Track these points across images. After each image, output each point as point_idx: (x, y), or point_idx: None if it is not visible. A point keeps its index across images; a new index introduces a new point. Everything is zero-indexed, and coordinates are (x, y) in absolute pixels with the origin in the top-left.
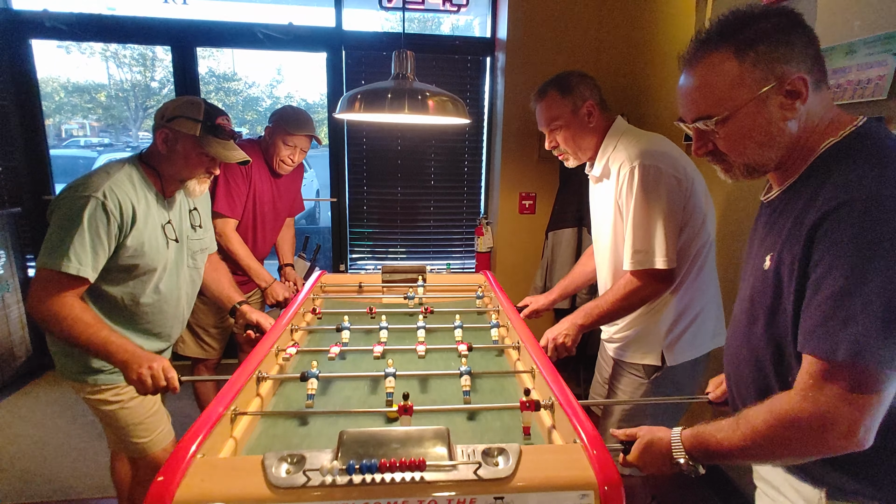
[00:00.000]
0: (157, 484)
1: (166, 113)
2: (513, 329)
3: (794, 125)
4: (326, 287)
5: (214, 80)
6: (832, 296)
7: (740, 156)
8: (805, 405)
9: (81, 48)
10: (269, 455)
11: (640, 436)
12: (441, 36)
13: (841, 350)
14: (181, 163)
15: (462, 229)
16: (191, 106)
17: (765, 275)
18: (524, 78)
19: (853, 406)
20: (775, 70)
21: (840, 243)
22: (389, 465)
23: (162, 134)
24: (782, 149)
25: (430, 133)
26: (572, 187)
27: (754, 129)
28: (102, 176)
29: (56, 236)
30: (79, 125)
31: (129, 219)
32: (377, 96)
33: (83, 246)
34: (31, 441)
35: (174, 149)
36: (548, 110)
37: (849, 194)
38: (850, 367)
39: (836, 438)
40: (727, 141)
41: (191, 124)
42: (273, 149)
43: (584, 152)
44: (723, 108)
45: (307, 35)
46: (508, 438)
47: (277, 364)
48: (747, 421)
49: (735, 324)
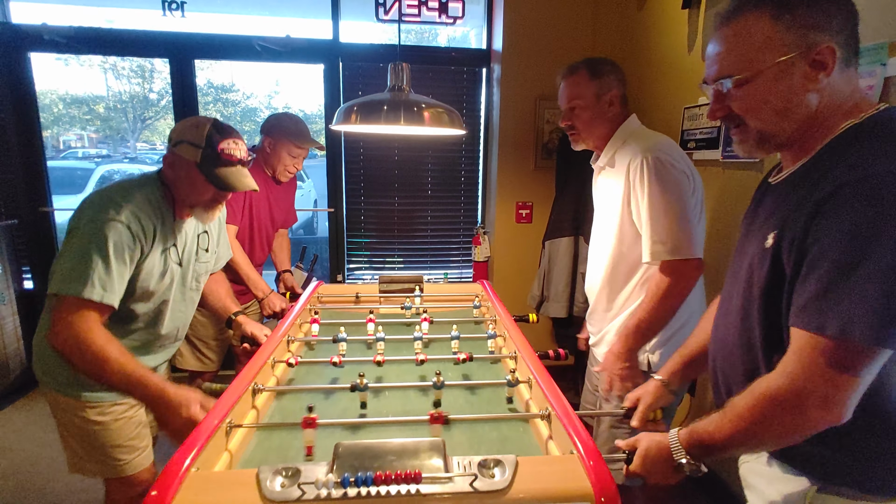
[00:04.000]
0: (150, 498)
1: (173, 136)
2: (510, 339)
3: (815, 98)
4: (323, 297)
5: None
6: (829, 272)
7: (755, 120)
8: (783, 381)
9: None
10: (263, 468)
11: (639, 444)
12: (437, 48)
13: (830, 325)
14: (187, 189)
15: (459, 239)
16: (194, 130)
17: (765, 253)
18: (520, 88)
19: (832, 381)
20: (808, 37)
21: (841, 220)
22: (385, 477)
23: (167, 159)
24: (798, 121)
25: (427, 144)
26: (568, 196)
27: (774, 94)
28: (123, 196)
29: (78, 260)
30: (77, 136)
31: (149, 243)
32: (373, 108)
33: (108, 272)
34: (25, 455)
35: (178, 174)
36: (573, 87)
37: (857, 173)
38: (838, 343)
39: (814, 410)
40: (744, 103)
41: (192, 150)
42: (276, 159)
43: (594, 139)
44: (746, 68)
45: (304, 47)
46: (505, 449)
47: (274, 376)
48: (733, 408)
49: (725, 308)
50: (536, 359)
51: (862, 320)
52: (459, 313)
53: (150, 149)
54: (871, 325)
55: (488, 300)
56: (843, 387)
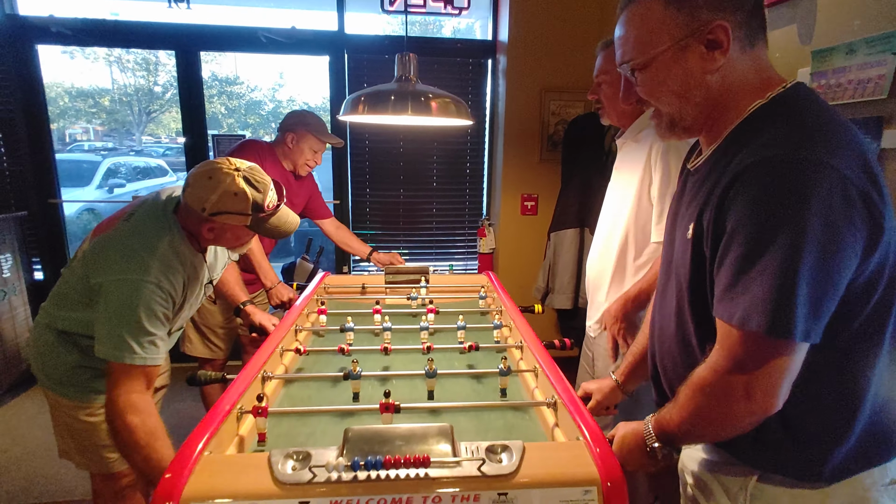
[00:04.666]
0: (165, 481)
1: (207, 206)
2: (515, 329)
3: (715, 79)
4: (330, 288)
5: (217, 84)
6: (735, 260)
7: (660, 104)
8: (709, 373)
9: (85, 53)
10: (275, 452)
11: (617, 432)
12: (442, 39)
13: (736, 316)
14: (230, 244)
15: (464, 231)
16: (235, 199)
17: (687, 244)
18: (525, 80)
19: (749, 371)
20: (699, 16)
21: (745, 205)
22: (394, 461)
23: (208, 226)
24: (700, 104)
25: (433, 135)
26: (573, 188)
27: (671, 77)
28: (148, 253)
29: (118, 329)
30: (83, 130)
31: (181, 297)
32: (381, 98)
33: (148, 335)
34: (37, 443)
35: (223, 236)
36: (604, 62)
37: (761, 155)
38: (744, 334)
39: (739, 402)
40: (645, 87)
41: (239, 218)
42: (298, 153)
43: (617, 115)
44: (643, 53)
45: (310, 39)
46: (511, 437)
47: (283, 364)
48: (676, 397)
49: (660, 302)
50: (542, 348)
51: (759, 311)
52: (465, 304)
53: (154, 142)
54: (767, 314)
55: (494, 291)
56: (760, 377)
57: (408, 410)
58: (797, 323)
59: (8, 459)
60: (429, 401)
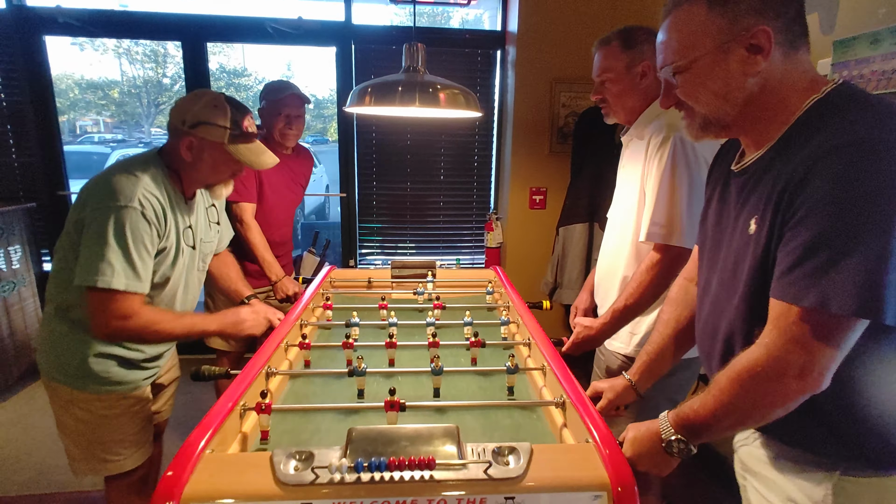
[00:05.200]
0: (166, 479)
1: (187, 118)
2: (523, 325)
3: (755, 82)
4: (336, 282)
5: (225, 75)
6: (811, 240)
7: (697, 105)
8: (761, 353)
9: (95, 45)
10: (277, 451)
11: (628, 433)
12: (451, 29)
13: (809, 296)
14: (208, 170)
15: (472, 225)
16: (215, 110)
17: (749, 240)
18: (535, 71)
19: (810, 350)
20: (742, 21)
21: (823, 188)
22: (398, 463)
23: (186, 142)
24: (739, 105)
25: (440, 128)
26: (583, 182)
27: (712, 79)
28: (131, 181)
29: (99, 253)
30: (93, 121)
31: (163, 225)
32: (388, 89)
33: (130, 260)
34: (46, 433)
35: (200, 157)
36: (604, 60)
37: (840, 139)
38: (816, 313)
39: (792, 380)
40: (685, 89)
41: (217, 131)
42: (273, 121)
43: (626, 112)
44: (685, 56)
45: (317, 29)
46: (518, 437)
47: (287, 359)
48: (716, 383)
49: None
50: (550, 345)
51: (841, 291)
52: (472, 299)
53: (163, 133)
54: (850, 296)
55: (501, 286)
56: (820, 357)
57: (413, 408)
58: (888, 305)
59: (18, 449)
60: (434, 398)
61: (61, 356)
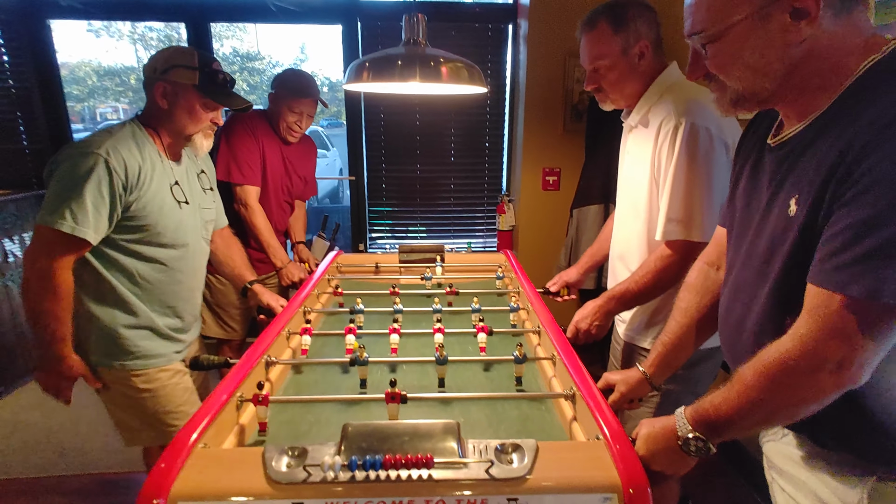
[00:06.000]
0: (156, 471)
1: (158, 65)
2: (533, 312)
3: (799, 51)
4: (343, 267)
5: (238, 60)
6: (865, 220)
7: (729, 79)
8: (794, 344)
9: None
10: (270, 447)
11: (641, 428)
12: (460, 3)
13: (857, 285)
14: (184, 117)
15: (483, 207)
16: (184, 54)
17: (790, 222)
18: (548, 45)
19: (850, 343)
20: None
21: (885, 162)
22: (395, 461)
23: (160, 88)
24: (779, 78)
25: (450, 106)
26: (599, 162)
27: (747, 50)
28: (104, 135)
29: (55, 194)
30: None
31: (133, 177)
32: (387, 63)
33: (81, 205)
34: (67, 417)
35: (175, 102)
36: (594, 46)
37: None
38: (863, 304)
39: (828, 375)
40: (716, 61)
41: (188, 73)
42: (278, 116)
43: (625, 98)
44: (717, 23)
45: (321, 7)
46: (525, 430)
47: (289, 348)
48: (741, 377)
49: (733, 286)
50: (561, 334)
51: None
52: (481, 284)
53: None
54: None
55: (511, 271)
56: (861, 350)
57: (415, 400)
58: None
59: (39, 432)
60: (439, 389)
61: (92, 339)
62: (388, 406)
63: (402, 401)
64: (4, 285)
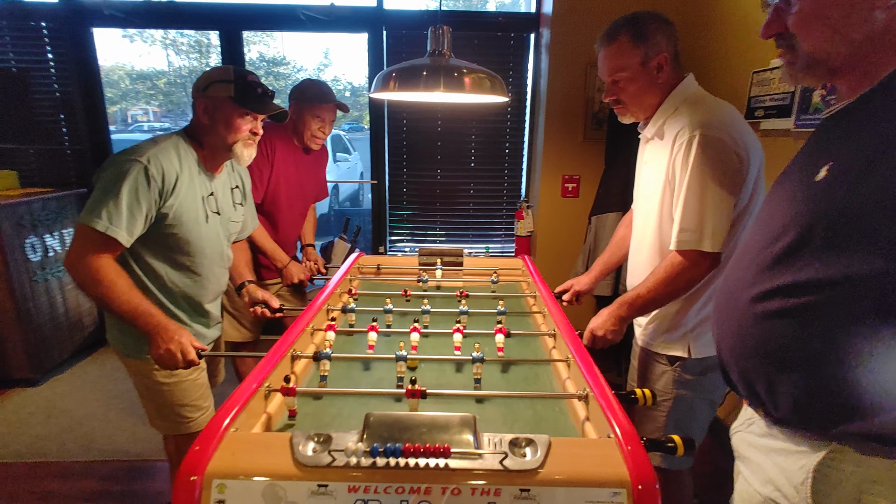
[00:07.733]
0: (192, 453)
1: (200, 84)
2: (549, 316)
3: (882, 16)
4: (364, 269)
5: (264, 64)
6: None
7: (808, 40)
8: None
9: (143, 37)
10: (296, 433)
11: None
12: (484, 12)
13: None
14: (223, 128)
15: (502, 212)
16: (221, 71)
17: (814, 187)
18: (570, 54)
19: None
20: None
21: None
22: (414, 450)
23: (201, 104)
24: (856, 44)
25: (471, 114)
26: (618, 170)
27: (833, 7)
28: (149, 144)
29: (96, 196)
30: (143, 111)
31: (170, 186)
32: (412, 74)
33: (118, 207)
34: (97, 405)
35: (215, 116)
36: (615, 58)
37: None
38: None
39: None
40: (799, 17)
41: (225, 87)
42: (302, 125)
43: (644, 110)
44: None
45: (349, 15)
46: (539, 428)
47: (313, 343)
48: None
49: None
50: (576, 337)
51: None
52: (499, 288)
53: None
54: None
55: (529, 276)
56: None
57: (434, 396)
58: None
59: (71, 419)
60: (475, 386)
61: (122, 331)
62: (408, 401)
63: (422, 396)
64: (45, 279)
